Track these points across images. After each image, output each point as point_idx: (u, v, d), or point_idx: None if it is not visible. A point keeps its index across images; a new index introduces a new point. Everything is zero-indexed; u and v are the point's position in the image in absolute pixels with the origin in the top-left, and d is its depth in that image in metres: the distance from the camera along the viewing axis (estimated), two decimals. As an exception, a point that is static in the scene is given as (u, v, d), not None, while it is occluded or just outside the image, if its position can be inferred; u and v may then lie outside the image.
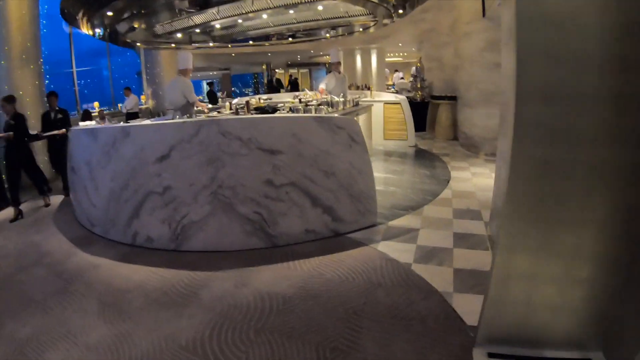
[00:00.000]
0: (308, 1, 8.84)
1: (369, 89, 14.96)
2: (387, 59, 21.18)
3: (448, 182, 6.70)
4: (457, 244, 4.41)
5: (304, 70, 32.20)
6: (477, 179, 6.79)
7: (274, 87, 20.88)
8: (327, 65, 29.91)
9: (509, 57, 3.86)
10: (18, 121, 6.62)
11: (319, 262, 4.17)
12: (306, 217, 4.56)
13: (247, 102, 6.58)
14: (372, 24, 11.10)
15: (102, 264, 4.54)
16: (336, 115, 5.75)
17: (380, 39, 15.38)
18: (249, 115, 4.62)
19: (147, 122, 6.27)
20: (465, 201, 5.73)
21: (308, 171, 4.48)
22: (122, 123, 7.63)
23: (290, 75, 27.18)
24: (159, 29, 10.54)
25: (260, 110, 7.42)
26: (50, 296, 3.94)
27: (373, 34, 13.78)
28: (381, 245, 4.48)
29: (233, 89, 28.61)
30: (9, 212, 6.65)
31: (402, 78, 17.64)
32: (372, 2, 7.81)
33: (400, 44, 16.70)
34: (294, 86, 21.71)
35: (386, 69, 16.38)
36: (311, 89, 15.25)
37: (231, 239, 4.49)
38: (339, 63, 8.86)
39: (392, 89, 16.93)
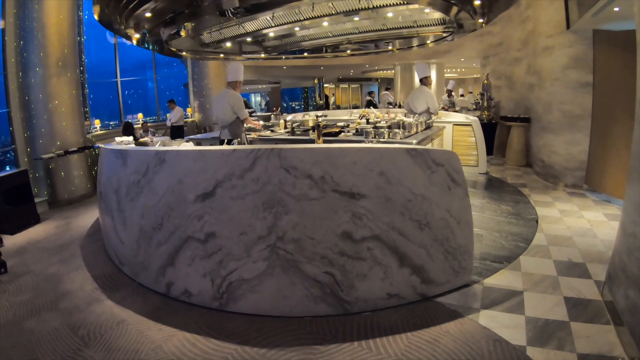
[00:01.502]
0: (377, 6, 7.88)
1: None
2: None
3: (537, 222, 5.71)
4: (572, 316, 3.43)
5: (355, 85, 31.55)
6: (568, 219, 5.80)
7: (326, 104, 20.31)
8: (378, 80, 29.17)
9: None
10: None
11: (407, 343, 3.13)
12: (391, 279, 3.52)
13: (318, 125, 5.62)
14: (445, 35, 10.11)
15: (128, 320, 3.68)
16: (433, 147, 4.72)
17: (441, 53, 14.43)
18: (322, 145, 3.58)
19: (188, 145, 5.39)
20: (564, 250, 4.77)
21: (397, 221, 3.43)
22: (166, 138, 6.91)
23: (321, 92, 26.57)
24: (206, 37, 9.86)
25: (329, 134, 6.41)
26: None
27: (433, 48, 12.93)
28: (482, 317, 3.46)
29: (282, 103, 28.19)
30: (36, 230, 6.40)
31: (462, 95, 16.49)
32: (455, 6, 6.80)
33: (462, 59, 15.67)
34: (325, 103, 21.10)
35: (451, 81, 15.26)
36: (362, 106, 14.43)
37: (292, 304, 3.50)
38: (427, 77, 8.10)
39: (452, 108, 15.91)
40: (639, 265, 2.88)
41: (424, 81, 7.96)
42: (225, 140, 6.12)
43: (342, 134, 6.49)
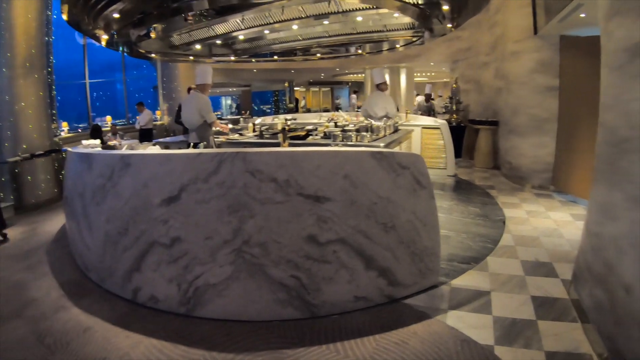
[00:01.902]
0: (346, 10, 7.91)
1: (397, 110, 14.09)
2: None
3: (504, 223, 5.82)
4: (540, 314, 3.49)
5: (326, 89, 31.54)
6: (535, 220, 5.93)
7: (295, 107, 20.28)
8: (349, 84, 29.23)
9: (623, 85, 2.86)
10: None
11: (375, 345, 3.14)
12: (357, 281, 3.52)
13: (284, 129, 5.60)
14: (414, 39, 10.20)
15: (95, 327, 3.59)
16: (398, 150, 4.73)
17: (411, 57, 14.54)
18: (287, 148, 3.57)
19: (154, 149, 5.31)
20: (531, 250, 4.87)
21: (363, 224, 3.44)
22: (134, 141, 6.81)
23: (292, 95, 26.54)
24: (176, 39, 9.76)
25: (296, 137, 6.40)
26: (25, 370, 3.03)
27: (403, 52, 13.05)
28: (450, 317, 3.49)
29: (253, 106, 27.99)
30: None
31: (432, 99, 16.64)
32: (424, 12, 6.87)
33: (431, 64, 15.82)
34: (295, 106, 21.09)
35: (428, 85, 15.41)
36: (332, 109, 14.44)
37: (259, 308, 3.47)
38: (384, 83, 8.01)
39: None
40: (603, 264, 2.95)
41: (381, 86, 7.95)
42: (192, 144, 6.07)
43: (310, 137, 6.49)
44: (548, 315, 3.48)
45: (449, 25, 8.05)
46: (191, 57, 11.61)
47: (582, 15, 5.75)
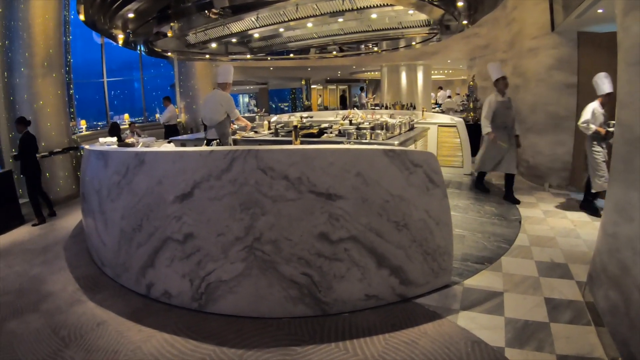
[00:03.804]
0: (361, 8, 7.87)
1: (414, 108, 13.98)
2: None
3: (520, 222, 5.72)
4: (553, 317, 3.43)
5: (343, 87, 31.47)
6: (551, 220, 5.82)
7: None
8: (366, 81, 29.12)
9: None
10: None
11: (385, 344, 3.12)
12: (369, 280, 3.51)
13: (295, 126, 5.60)
14: (431, 36, 10.12)
15: (109, 321, 3.66)
16: (413, 148, 4.69)
17: (428, 55, 14.42)
18: (299, 146, 3.57)
19: (169, 146, 5.36)
20: (547, 251, 4.77)
21: (375, 222, 3.43)
22: (151, 139, 6.86)
23: (343, 91, 26.49)
24: (192, 37, 9.82)
25: (310, 135, 6.40)
26: (40, 361, 3.12)
27: (420, 49, 12.92)
28: (461, 318, 3.45)
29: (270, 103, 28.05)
30: (20, 232, 6.49)
31: (449, 97, 16.50)
32: (439, 8, 6.80)
33: (449, 61, 15.68)
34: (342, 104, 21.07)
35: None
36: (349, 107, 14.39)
37: (270, 305, 3.48)
38: (503, 78, 6.88)
39: (437, 108, 15.89)
40: (620, 265, 2.89)
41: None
42: (206, 141, 6.12)
43: (325, 134, 6.48)
44: (561, 317, 3.42)
45: (465, 22, 7.94)
46: (207, 56, 11.68)
47: (600, 10, 5.64)
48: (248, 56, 12.35)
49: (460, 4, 6.71)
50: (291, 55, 13.26)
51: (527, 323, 3.34)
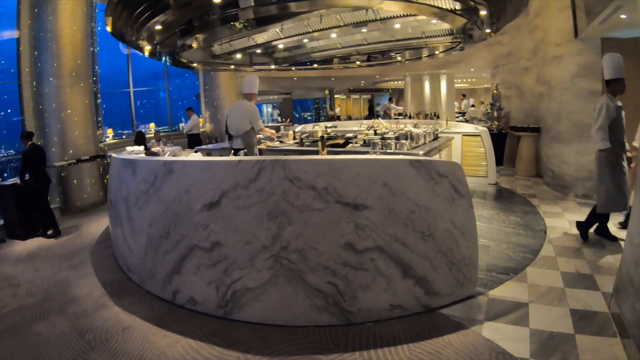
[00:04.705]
0: (384, 18, 7.89)
1: (437, 117, 13.92)
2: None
3: (545, 233, 5.65)
4: (578, 328, 3.37)
5: (366, 96, 31.50)
6: (577, 230, 5.65)
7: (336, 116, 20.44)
8: (389, 91, 29.08)
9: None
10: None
11: (409, 354, 3.11)
12: (394, 290, 3.51)
13: (322, 137, 5.64)
14: (454, 45, 10.10)
15: (134, 326, 3.73)
16: (437, 158, 4.67)
17: (451, 64, 14.37)
18: (325, 156, 3.60)
19: (196, 156, 5.44)
20: (572, 262, 4.70)
21: (401, 233, 3.43)
22: (177, 148, 6.96)
23: (370, 100, 26.51)
24: (217, 48, 9.97)
25: (335, 145, 6.41)
26: (66, 364, 3.20)
27: (443, 58, 12.89)
28: (486, 329, 3.42)
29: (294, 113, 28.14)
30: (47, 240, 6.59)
31: (473, 105, 16.36)
32: (462, 17, 6.79)
33: (472, 70, 15.58)
34: (370, 113, 21.11)
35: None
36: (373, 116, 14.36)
37: (295, 313, 3.50)
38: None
39: (461, 117, 15.78)
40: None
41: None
42: (233, 151, 6.19)
43: (350, 144, 6.50)
44: (587, 329, 3.37)
45: (488, 30, 7.90)
46: (232, 66, 11.81)
47: (623, 16, 5.57)
48: (272, 67, 12.47)
49: (482, 12, 6.69)
50: (315, 65, 13.35)
51: (552, 334, 3.30)
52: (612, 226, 5.61)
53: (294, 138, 7.59)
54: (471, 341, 3.24)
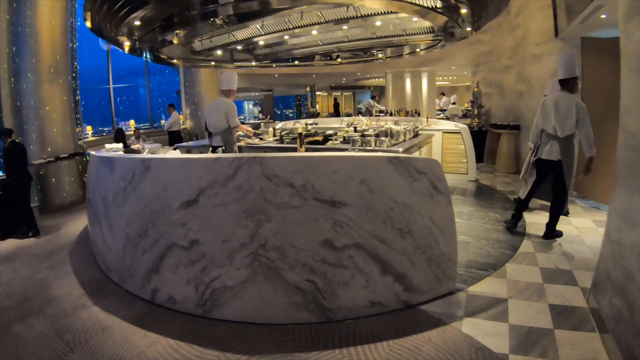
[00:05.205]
0: (366, 15, 7.89)
1: (418, 114, 13.99)
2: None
3: (525, 229, 5.72)
4: (557, 323, 3.41)
5: (348, 93, 31.59)
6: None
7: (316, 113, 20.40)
8: (371, 88, 29.16)
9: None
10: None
11: (389, 351, 3.12)
12: (373, 287, 3.51)
13: (300, 134, 5.62)
14: (435, 43, 10.14)
15: (114, 326, 3.68)
16: (417, 155, 4.69)
17: (432, 61, 14.43)
18: (303, 153, 3.59)
19: (174, 153, 5.39)
20: (551, 258, 4.76)
21: (379, 229, 3.44)
22: (157, 145, 6.89)
23: (335, 99, 26.55)
24: (197, 45, 9.88)
25: (314, 142, 6.40)
26: (45, 365, 3.14)
27: (425, 56, 12.93)
28: (465, 324, 3.44)
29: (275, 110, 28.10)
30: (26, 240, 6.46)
31: (454, 103, 16.48)
32: (443, 15, 6.82)
33: (453, 67, 15.68)
34: (335, 111, 21.10)
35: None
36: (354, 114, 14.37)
37: (274, 311, 3.49)
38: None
39: (442, 115, 15.90)
40: (624, 272, 2.88)
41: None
42: (211, 148, 6.14)
43: (329, 142, 6.50)
44: (566, 324, 3.41)
45: (469, 29, 7.95)
46: (213, 63, 11.71)
47: (603, 16, 5.64)
48: (253, 63, 12.38)
49: (464, 10, 6.72)
50: (296, 62, 13.28)
51: (532, 329, 3.33)
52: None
53: (274, 135, 7.57)
54: (451, 337, 3.26)
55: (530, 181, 5.52)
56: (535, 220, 6.06)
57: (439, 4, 6.52)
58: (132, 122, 12.93)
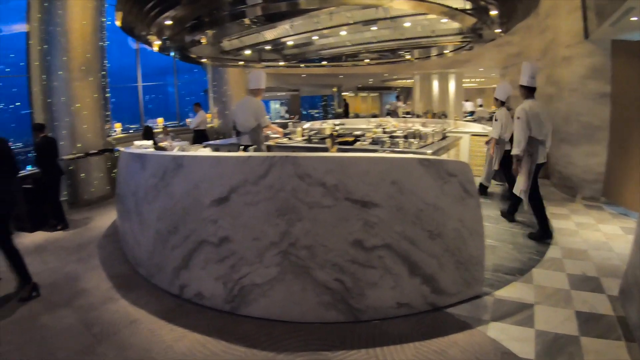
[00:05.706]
0: (394, 16, 7.87)
1: (445, 116, 13.90)
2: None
3: (552, 234, 5.56)
4: (583, 330, 3.36)
5: (375, 94, 31.48)
6: (584, 232, 5.69)
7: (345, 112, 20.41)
8: (398, 89, 29.05)
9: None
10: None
11: (415, 352, 3.11)
12: (401, 288, 3.51)
13: (332, 134, 5.64)
14: (464, 44, 10.07)
15: (142, 319, 3.75)
16: (446, 157, 4.69)
17: (460, 63, 14.30)
18: (335, 154, 3.60)
19: (205, 151, 5.45)
20: (579, 264, 4.67)
21: (409, 231, 3.43)
22: (185, 143, 6.97)
23: (344, 100, 26.50)
24: (226, 44, 9.97)
25: (345, 143, 6.41)
26: (72, 356, 3.25)
27: (453, 58, 12.84)
28: (491, 329, 3.42)
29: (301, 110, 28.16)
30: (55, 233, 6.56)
31: (480, 105, 16.30)
32: (472, 16, 6.77)
33: (481, 69, 15.51)
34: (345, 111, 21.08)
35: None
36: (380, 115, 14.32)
37: (303, 310, 3.52)
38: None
39: (469, 117, 15.73)
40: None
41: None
42: (242, 147, 6.18)
43: (358, 142, 6.50)
44: (592, 331, 3.36)
45: (498, 30, 7.86)
46: (241, 62, 11.81)
47: (634, 18, 5.52)
48: (281, 63, 12.45)
49: (493, 12, 6.66)
50: (324, 62, 13.33)
51: (558, 336, 3.29)
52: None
53: (302, 135, 7.60)
54: (477, 341, 3.24)
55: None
56: (564, 226, 5.95)
57: (468, 6, 6.47)
58: (160, 119, 13.08)
